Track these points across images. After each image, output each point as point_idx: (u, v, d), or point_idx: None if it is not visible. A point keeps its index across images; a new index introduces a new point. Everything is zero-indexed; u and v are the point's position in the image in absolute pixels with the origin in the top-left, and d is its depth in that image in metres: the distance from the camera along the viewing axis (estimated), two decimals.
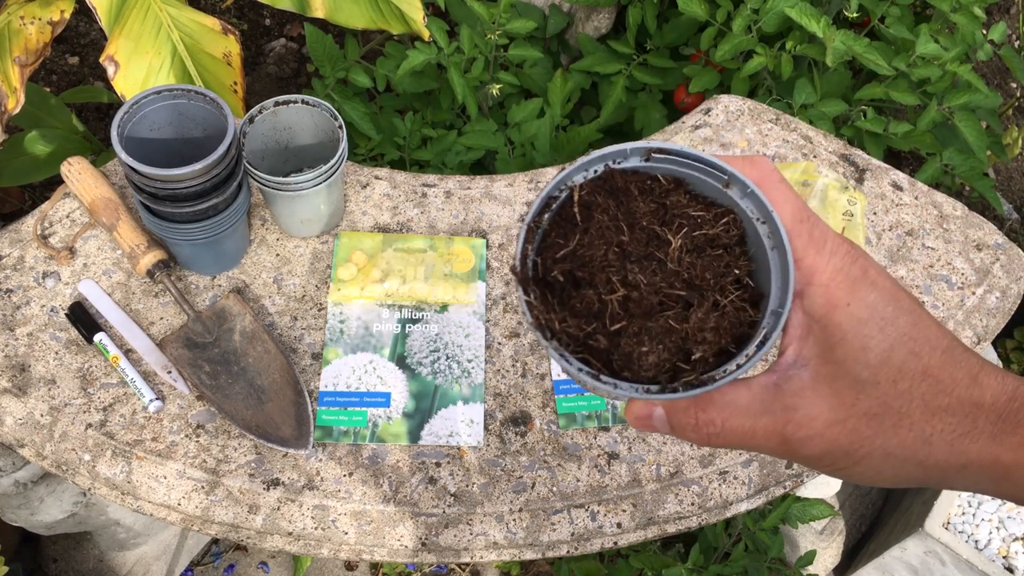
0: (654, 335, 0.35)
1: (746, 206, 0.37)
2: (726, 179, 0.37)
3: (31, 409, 0.84)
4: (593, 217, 0.37)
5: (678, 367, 0.35)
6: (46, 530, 1.13)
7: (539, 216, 0.38)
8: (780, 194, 0.37)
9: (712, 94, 1.29)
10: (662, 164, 0.38)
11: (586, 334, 0.36)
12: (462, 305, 0.93)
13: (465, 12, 1.45)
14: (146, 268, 0.89)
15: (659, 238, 0.37)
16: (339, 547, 0.81)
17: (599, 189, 0.38)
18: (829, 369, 0.35)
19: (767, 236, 0.36)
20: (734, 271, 0.37)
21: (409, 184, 1.02)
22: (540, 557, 0.83)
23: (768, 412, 0.35)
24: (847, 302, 0.35)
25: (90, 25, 1.88)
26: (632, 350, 0.35)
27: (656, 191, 0.38)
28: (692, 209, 0.38)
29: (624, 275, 0.36)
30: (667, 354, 0.35)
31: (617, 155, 0.38)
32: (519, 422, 0.88)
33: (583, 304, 0.36)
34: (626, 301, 0.36)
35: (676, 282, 0.36)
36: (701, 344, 0.35)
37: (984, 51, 1.31)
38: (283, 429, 0.84)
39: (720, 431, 0.36)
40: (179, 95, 0.83)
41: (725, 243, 0.37)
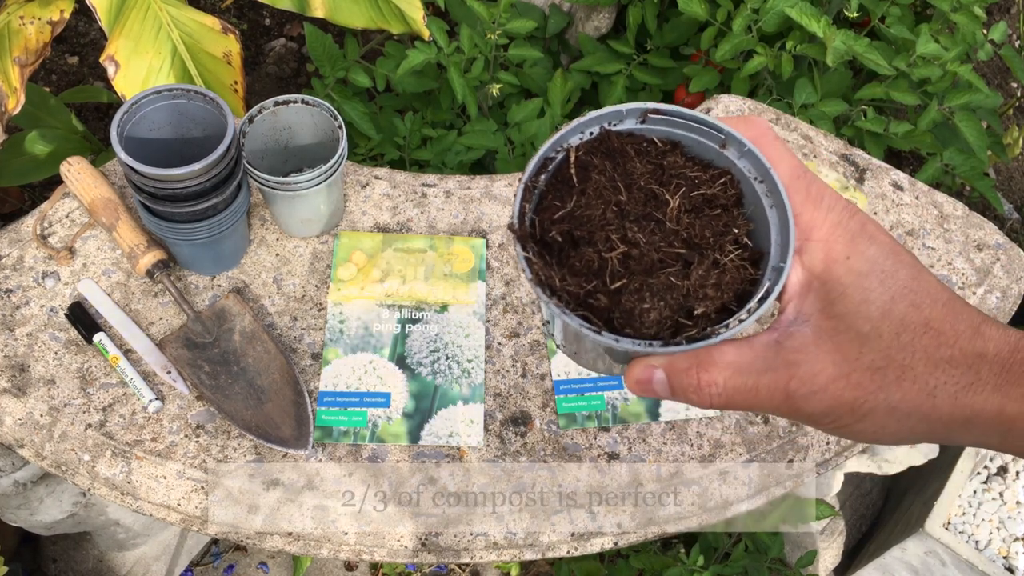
0: (655, 291, 0.35)
1: (743, 166, 0.37)
2: (723, 139, 0.37)
3: (31, 409, 0.84)
4: (590, 178, 0.37)
5: (680, 324, 0.35)
6: (45, 530, 1.13)
7: (536, 176, 0.38)
8: (776, 152, 0.37)
9: (712, 94, 1.29)
10: (658, 126, 0.38)
11: (586, 292, 0.35)
12: (462, 305, 0.93)
13: (465, 12, 1.45)
14: (146, 268, 0.89)
15: (657, 198, 0.37)
16: (339, 547, 0.81)
17: (595, 150, 0.38)
18: (831, 324, 0.34)
19: (765, 194, 0.36)
20: (733, 230, 0.37)
21: (409, 184, 1.02)
22: (540, 557, 0.83)
23: (770, 369, 0.35)
24: (847, 256, 0.34)
25: (90, 25, 1.88)
26: (633, 307, 0.35)
27: (653, 152, 0.38)
28: (689, 170, 0.38)
29: (623, 233, 0.36)
30: (668, 311, 0.35)
31: (613, 116, 0.38)
32: (519, 422, 0.88)
33: (583, 262, 0.36)
34: (626, 259, 0.36)
35: (675, 241, 0.36)
36: (703, 300, 0.35)
37: (984, 51, 1.31)
38: (283, 429, 0.84)
39: (722, 391, 0.35)
40: (179, 95, 0.83)
41: (723, 203, 0.37)
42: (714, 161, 0.38)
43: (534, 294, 0.37)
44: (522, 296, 0.95)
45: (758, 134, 0.37)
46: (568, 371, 0.90)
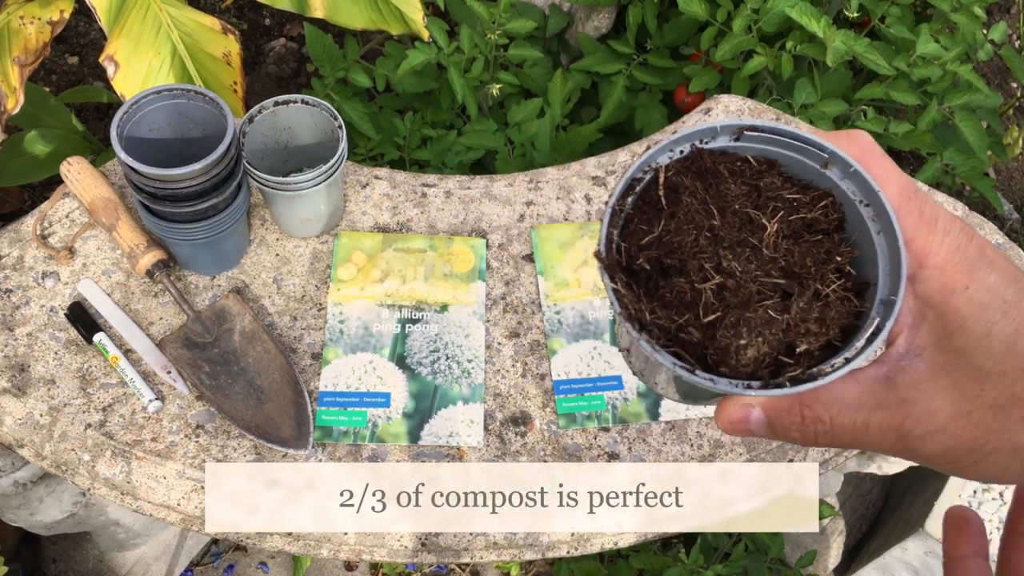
0: (753, 326, 0.32)
1: (847, 187, 0.34)
2: (825, 158, 0.35)
3: (30, 409, 0.84)
4: (680, 200, 0.35)
5: (780, 361, 0.33)
6: (45, 530, 1.13)
7: (622, 199, 0.35)
8: (883, 171, 0.34)
9: (712, 94, 1.29)
10: (753, 144, 0.36)
11: (678, 326, 0.33)
12: (462, 305, 0.93)
13: (465, 12, 1.45)
14: (145, 268, 0.89)
15: (752, 222, 0.34)
16: (339, 547, 0.81)
17: (686, 170, 0.35)
18: (947, 359, 0.32)
19: (872, 219, 0.33)
20: (835, 258, 0.34)
21: (409, 184, 1.02)
22: (540, 557, 0.83)
23: (882, 407, 0.32)
24: (965, 285, 0.32)
25: (90, 25, 1.88)
26: (729, 343, 0.32)
27: (747, 173, 0.36)
28: (787, 192, 0.35)
29: (718, 262, 0.33)
30: (767, 347, 0.32)
31: (705, 134, 0.35)
32: (519, 422, 0.88)
33: (673, 294, 0.34)
34: (720, 290, 0.33)
35: (773, 270, 0.34)
36: (805, 336, 0.32)
37: (984, 51, 1.31)
38: (283, 429, 0.84)
39: (829, 429, 0.33)
40: (179, 95, 0.83)
41: (824, 228, 0.34)
42: (814, 182, 0.35)
43: (621, 323, 0.34)
44: (522, 296, 0.95)
45: (862, 151, 0.34)
46: (568, 371, 0.90)
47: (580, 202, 1.01)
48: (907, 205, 0.33)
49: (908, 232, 0.33)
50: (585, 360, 0.91)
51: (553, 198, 1.02)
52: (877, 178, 0.33)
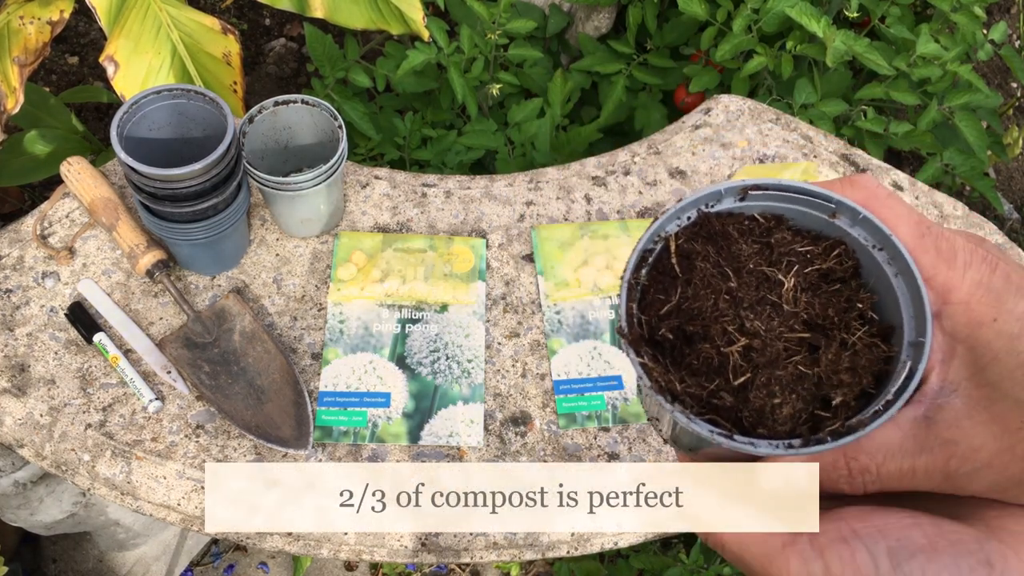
0: (785, 384, 0.32)
1: (858, 234, 0.34)
2: (832, 208, 0.35)
3: (31, 409, 0.84)
4: (694, 266, 0.35)
5: (816, 416, 0.32)
6: (45, 530, 1.13)
7: (636, 272, 0.35)
8: (892, 211, 0.33)
9: (712, 94, 1.29)
10: (759, 202, 0.36)
11: (709, 392, 0.33)
12: (462, 305, 0.93)
13: (465, 12, 1.45)
14: (145, 268, 0.89)
15: (769, 280, 0.34)
16: (339, 547, 0.81)
17: (696, 236, 0.35)
18: (984, 392, 0.31)
19: (887, 262, 0.33)
20: (856, 305, 0.34)
21: (409, 184, 1.02)
22: (540, 557, 0.83)
23: (925, 450, 0.32)
24: (993, 317, 0.31)
25: (90, 25, 1.88)
26: (764, 403, 0.32)
27: (756, 231, 0.36)
28: (799, 245, 0.35)
29: (740, 323, 0.33)
30: (802, 403, 0.32)
31: (710, 198, 0.36)
32: (519, 422, 0.88)
33: (700, 360, 0.33)
34: (747, 351, 0.33)
35: (796, 324, 0.34)
36: (839, 387, 0.32)
37: (984, 51, 1.31)
38: (283, 429, 0.84)
39: (876, 478, 0.32)
40: (179, 95, 0.83)
41: (840, 276, 0.34)
42: (824, 232, 0.35)
43: (649, 395, 0.33)
44: (522, 296, 0.95)
45: (868, 195, 0.34)
46: (568, 371, 0.90)
47: (580, 202, 1.02)
48: (922, 243, 0.33)
49: (927, 270, 0.32)
50: (585, 360, 0.91)
51: (553, 198, 1.02)
52: (887, 219, 0.33)
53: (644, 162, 1.05)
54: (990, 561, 0.31)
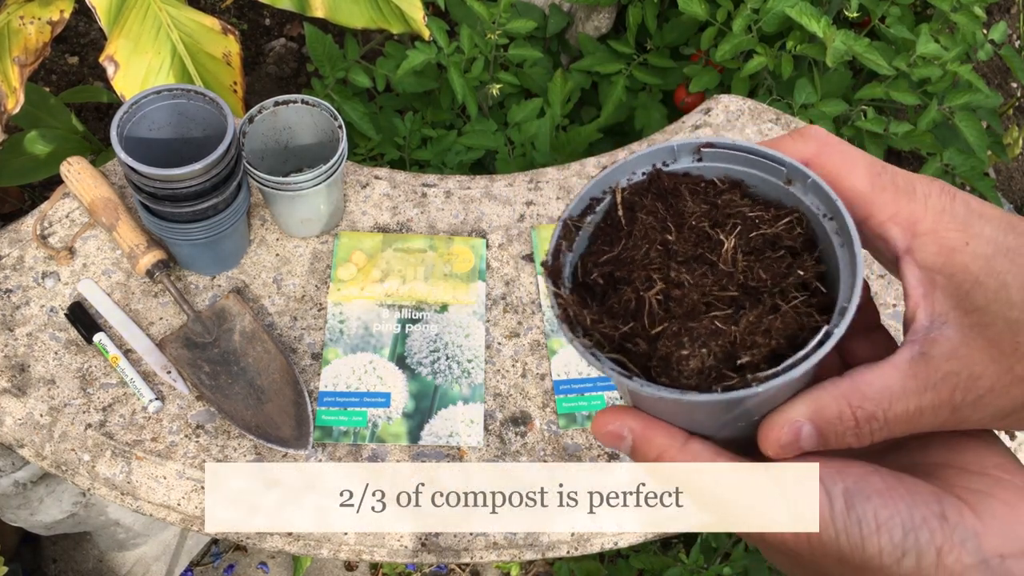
0: (696, 337, 0.32)
1: (811, 202, 0.33)
2: (785, 172, 0.34)
3: (31, 409, 0.84)
4: (636, 219, 0.34)
5: (724, 375, 0.31)
6: (45, 530, 1.13)
7: (580, 217, 0.35)
8: (845, 157, 0.33)
9: (712, 94, 1.29)
10: (717, 163, 0.35)
11: (622, 335, 0.32)
12: (462, 305, 0.93)
13: (465, 12, 1.45)
14: (145, 268, 0.89)
15: (710, 239, 0.34)
16: (339, 547, 0.81)
17: (645, 191, 0.35)
18: (974, 318, 0.31)
19: (835, 233, 0.33)
20: (797, 272, 0.33)
21: (409, 184, 1.02)
22: (540, 557, 0.83)
23: (928, 387, 0.31)
24: (965, 241, 0.31)
25: (90, 25, 1.88)
26: (670, 352, 0.31)
27: (710, 193, 0.35)
28: (750, 209, 0.34)
29: (666, 273, 0.33)
30: (713, 360, 0.31)
31: (664, 154, 0.35)
32: (519, 422, 0.88)
33: (620, 303, 0.33)
34: (666, 300, 0.33)
35: (729, 284, 0.33)
36: (750, 349, 0.31)
37: (984, 51, 1.31)
38: (283, 429, 0.84)
39: (883, 424, 0.32)
40: (179, 95, 0.83)
41: (788, 245, 0.34)
42: (782, 200, 0.34)
43: (563, 331, 0.33)
44: (522, 296, 0.95)
45: (819, 145, 0.33)
46: (568, 371, 0.90)
47: None
48: (879, 181, 0.33)
49: (889, 207, 0.32)
50: (585, 360, 0.91)
51: (553, 198, 1.02)
52: (840, 167, 0.33)
53: None
54: (944, 514, 0.31)
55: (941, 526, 0.31)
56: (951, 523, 0.31)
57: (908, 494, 0.31)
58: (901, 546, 0.30)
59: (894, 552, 0.30)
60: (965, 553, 0.30)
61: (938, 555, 0.30)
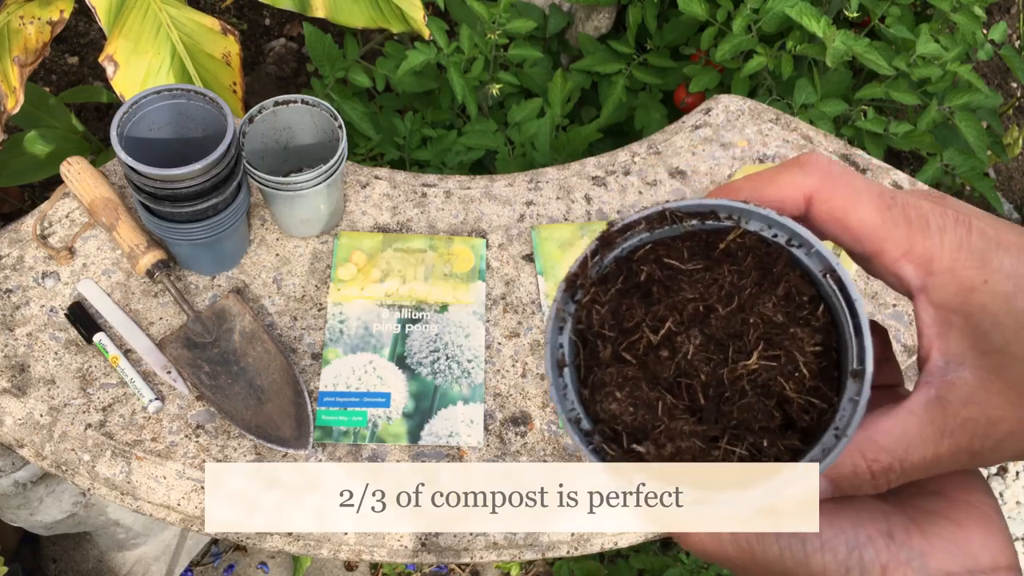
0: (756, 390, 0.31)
1: (811, 264, 0.32)
2: (788, 238, 0.32)
3: (30, 409, 0.84)
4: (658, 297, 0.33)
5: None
6: (45, 530, 1.13)
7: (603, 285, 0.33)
8: (851, 190, 0.31)
9: (712, 94, 1.29)
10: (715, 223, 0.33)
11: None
12: (462, 305, 0.93)
13: (465, 12, 1.45)
14: (145, 268, 0.89)
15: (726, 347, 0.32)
16: (339, 547, 0.81)
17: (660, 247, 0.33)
18: (992, 360, 0.30)
19: (834, 295, 0.31)
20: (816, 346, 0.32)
21: (409, 184, 1.02)
22: (540, 557, 0.83)
23: (946, 434, 0.30)
24: (983, 279, 0.29)
25: (89, 25, 1.88)
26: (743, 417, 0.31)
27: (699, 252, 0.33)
28: (744, 282, 0.32)
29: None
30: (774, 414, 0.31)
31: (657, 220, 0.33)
32: (519, 422, 0.88)
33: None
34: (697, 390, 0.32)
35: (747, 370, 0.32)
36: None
37: (984, 51, 1.31)
38: (283, 429, 0.84)
39: (901, 474, 0.31)
40: (179, 95, 0.83)
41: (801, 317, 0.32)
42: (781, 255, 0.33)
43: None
44: (522, 296, 0.95)
45: (821, 180, 0.31)
46: None
47: (580, 202, 1.02)
48: (890, 215, 0.31)
49: (902, 244, 0.30)
50: None
51: (553, 198, 1.02)
52: (846, 201, 0.31)
53: (644, 162, 1.05)
54: (891, 532, 0.31)
55: (887, 545, 0.31)
56: (897, 542, 0.31)
57: (855, 512, 0.31)
58: (845, 563, 0.31)
59: (838, 570, 0.31)
60: (911, 571, 0.30)
61: (883, 573, 0.30)
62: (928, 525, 0.31)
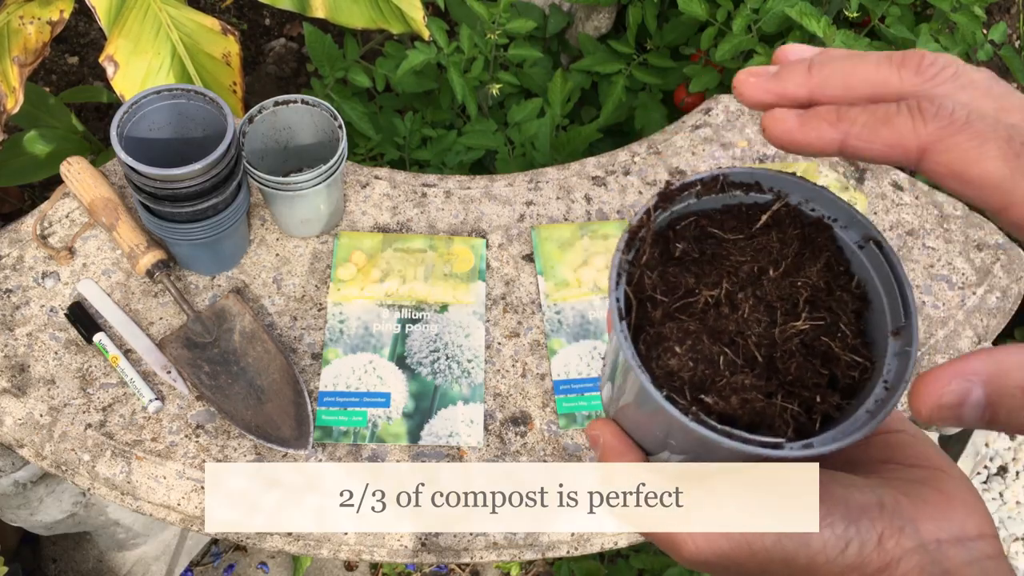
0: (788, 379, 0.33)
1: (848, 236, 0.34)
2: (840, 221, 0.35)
3: (30, 409, 0.84)
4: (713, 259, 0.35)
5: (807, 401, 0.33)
6: (45, 530, 1.13)
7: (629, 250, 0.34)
8: (973, 139, 0.28)
9: (712, 94, 1.29)
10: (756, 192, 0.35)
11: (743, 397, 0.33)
12: (462, 305, 0.93)
13: (465, 12, 1.45)
14: (145, 268, 0.89)
15: (772, 307, 0.34)
16: (339, 547, 0.81)
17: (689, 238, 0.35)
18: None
19: (874, 265, 0.33)
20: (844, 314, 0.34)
21: (409, 184, 1.02)
22: (540, 557, 0.83)
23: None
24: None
25: (89, 25, 1.88)
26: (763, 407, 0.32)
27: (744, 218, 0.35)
28: (779, 249, 0.35)
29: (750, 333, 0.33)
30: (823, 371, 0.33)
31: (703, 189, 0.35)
32: (519, 422, 0.88)
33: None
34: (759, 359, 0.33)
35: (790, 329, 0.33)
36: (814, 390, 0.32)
37: (984, 51, 1.31)
38: (283, 429, 0.84)
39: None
40: (179, 95, 0.83)
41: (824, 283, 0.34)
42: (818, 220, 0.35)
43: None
44: (522, 296, 0.95)
45: (939, 130, 0.29)
46: (568, 371, 0.90)
47: (580, 202, 1.01)
48: (1018, 164, 0.27)
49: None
50: (585, 360, 0.91)
51: (553, 198, 1.02)
52: (968, 152, 0.28)
53: (644, 162, 1.05)
54: (882, 502, 0.31)
55: (880, 513, 0.31)
56: (889, 510, 0.31)
57: (844, 488, 0.32)
58: (844, 536, 0.31)
59: (837, 544, 0.31)
60: (904, 537, 0.31)
61: (879, 540, 0.31)
62: (915, 495, 0.32)
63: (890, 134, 0.29)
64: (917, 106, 0.29)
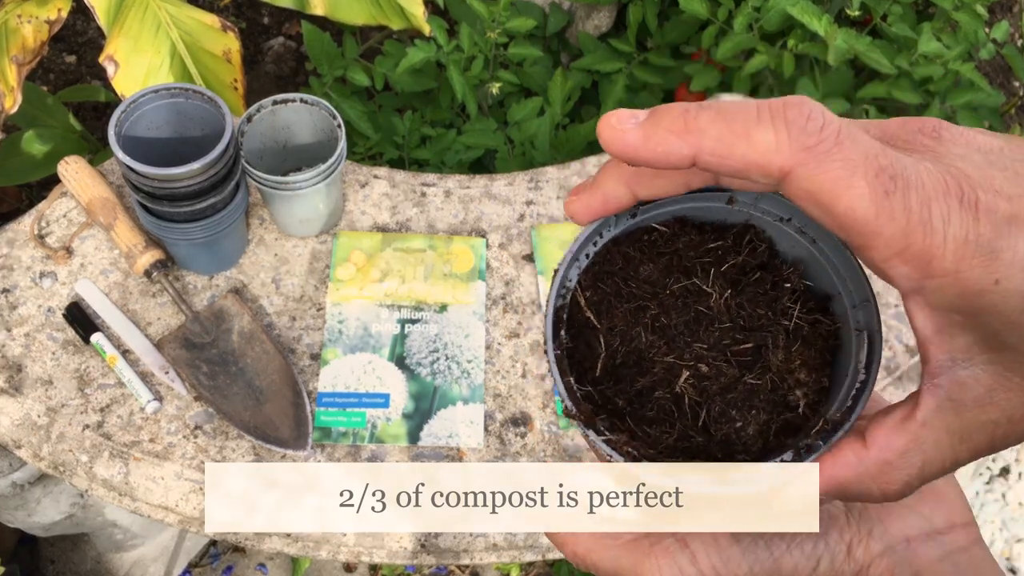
0: (741, 405, 0.31)
1: (760, 211, 0.31)
2: (729, 195, 0.31)
3: (28, 410, 0.84)
4: (612, 309, 0.32)
5: (787, 421, 0.31)
6: (43, 531, 1.13)
7: (557, 339, 0.31)
8: (841, 169, 0.25)
9: (713, 93, 1.28)
10: (653, 211, 0.32)
11: (676, 438, 0.31)
12: (462, 305, 0.93)
13: (465, 10, 1.45)
14: (144, 268, 0.88)
15: (691, 293, 0.32)
16: (338, 548, 0.80)
17: (600, 275, 0.32)
18: (1007, 356, 0.26)
19: (799, 232, 0.30)
20: (784, 285, 0.31)
21: (408, 183, 1.01)
22: (540, 558, 0.83)
23: (965, 439, 0.28)
24: (994, 280, 0.25)
25: (88, 24, 1.87)
26: (728, 432, 0.30)
27: (660, 242, 0.32)
28: (708, 243, 0.32)
29: (680, 353, 0.31)
30: (765, 414, 0.31)
31: (601, 227, 0.31)
32: (519, 423, 0.87)
33: (656, 410, 0.31)
34: (699, 380, 0.31)
35: (736, 334, 0.31)
36: (797, 387, 0.30)
37: (987, 50, 1.31)
38: (282, 430, 0.84)
39: (918, 485, 0.29)
40: (177, 94, 0.83)
41: (759, 263, 0.32)
42: (727, 219, 0.32)
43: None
44: (522, 296, 0.94)
45: (801, 153, 0.25)
46: None
47: None
48: (887, 205, 0.25)
49: (897, 241, 0.25)
50: None
51: (553, 197, 1.01)
52: (834, 182, 0.25)
53: None
54: (848, 507, 0.31)
55: (848, 521, 0.31)
56: (856, 513, 0.31)
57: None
58: (814, 555, 0.31)
59: (808, 563, 0.31)
60: (872, 541, 0.31)
61: (848, 551, 0.31)
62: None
63: (748, 150, 0.26)
64: (783, 118, 0.25)
